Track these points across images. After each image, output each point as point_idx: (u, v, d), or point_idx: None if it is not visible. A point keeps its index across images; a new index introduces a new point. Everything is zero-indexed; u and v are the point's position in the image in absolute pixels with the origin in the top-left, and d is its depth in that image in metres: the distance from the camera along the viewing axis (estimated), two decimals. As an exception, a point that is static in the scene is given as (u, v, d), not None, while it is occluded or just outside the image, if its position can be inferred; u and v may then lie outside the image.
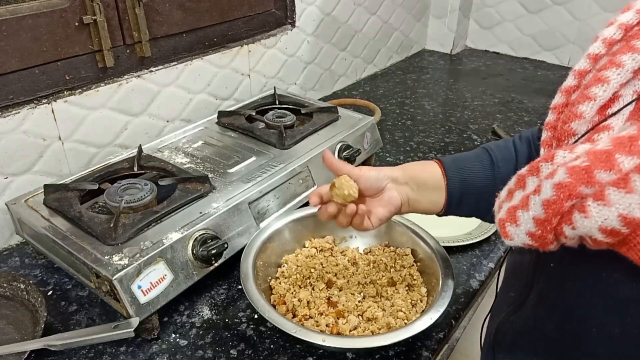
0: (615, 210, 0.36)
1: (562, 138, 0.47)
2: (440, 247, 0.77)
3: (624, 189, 0.36)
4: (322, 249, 0.83)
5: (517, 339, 0.55)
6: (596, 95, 0.44)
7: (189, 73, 1.10)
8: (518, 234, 0.44)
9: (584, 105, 0.44)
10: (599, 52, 0.47)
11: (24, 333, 0.71)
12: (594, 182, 0.37)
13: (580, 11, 1.67)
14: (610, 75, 0.43)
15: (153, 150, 0.95)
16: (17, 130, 0.86)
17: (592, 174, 0.37)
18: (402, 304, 0.72)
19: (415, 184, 0.66)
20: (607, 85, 0.43)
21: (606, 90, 0.43)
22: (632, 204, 0.36)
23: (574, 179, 0.38)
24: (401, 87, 1.62)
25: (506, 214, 0.45)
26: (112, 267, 0.66)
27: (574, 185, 0.38)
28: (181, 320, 0.74)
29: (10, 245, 0.90)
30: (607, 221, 0.37)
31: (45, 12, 0.85)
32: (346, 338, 0.66)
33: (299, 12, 1.33)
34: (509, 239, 0.45)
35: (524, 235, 0.44)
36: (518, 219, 0.44)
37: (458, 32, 1.89)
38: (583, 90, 0.45)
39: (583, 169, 0.38)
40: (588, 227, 0.38)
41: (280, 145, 0.96)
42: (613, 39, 0.47)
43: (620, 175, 0.36)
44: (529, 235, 0.43)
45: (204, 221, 0.75)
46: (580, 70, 0.48)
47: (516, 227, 0.44)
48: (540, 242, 0.43)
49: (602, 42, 0.47)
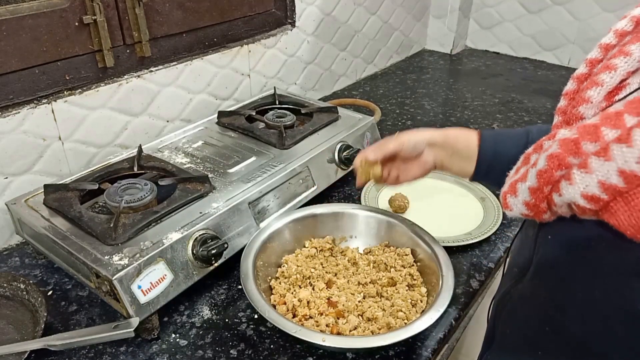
0: (595, 177, 0.39)
1: (570, 122, 0.49)
2: (440, 247, 0.77)
3: (603, 157, 0.39)
4: (322, 249, 0.83)
5: (515, 308, 0.58)
6: (604, 81, 0.46)
7: (189, 73, 1.10)
8: (516, 204, 0.48)
9: (592, 91, 0.46)
10: (609, 42, 0.49)
11: (24, 333, 0.71)
12: (580, 152, 0.41)
13: (580, 11, 1.67)
14: (618, 63, 0.45)
15: (153, 150, 0.95)
16: (17, 130, 0.86)
17: (580, 145, 0.41)
18: (402, 304, 0.72)
19: (451, 150, 0.72)
20: (615, 72, 0.45)
21: (613, 77, 0.45)
22: (610, 171, 0.38)
23: (564, 150, 0.42)
24: (401, 87, 1.62)
25: (508, 187, 0.50)
26: (112, 267, 0.66)
27: (564, 155, 0.42)
28: (181, 320, 0.74)
29: (10, 245, 0.90)
30: (588, 187, 0.40)
31: (45, 12, 0.85)
32: (346, 338, 0.66)
33: (299, 12, 1.33)
34: (509, 210, 0.49)
35: (521, 205, 0.48)
36: (517, 190, 0.48)
37: (458, 32, 1.89)
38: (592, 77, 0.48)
39: (572, 140, 0.41)
40: (572, 193, 0.41)
41: (280, 145, 0.96)
42: (625, 31, 0.49)
43: (603, 145, 0.39)
44: (525, 204, 0.47)
45: (204, 221, 0.75)
46: (592, 59, 0.50)
47: (515, 197, 0.48)
48: (535, 211, 0.47)
49: (614, 34, 0.50)
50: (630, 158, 0.37)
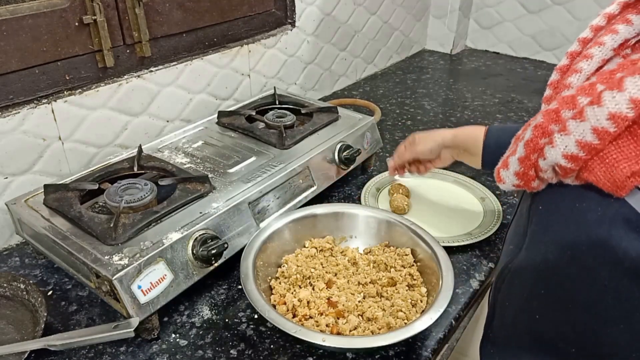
0: (573, 137, 0.45)
1: None
2: (440, 247, 0.77)
3: (579, 119, 0.44)
4: (322, 249, 0.83)
5: (512, 280, 0.61)
6: (582, 68, 0.51)
7: (189, 73, 1.10)
8: (508, 176, 0.54)
9: (572, 77, 0.52)
10: (587, 37, 0.55)
11: (24, 333, 0.71)
12: (560, 120, 0.46)
13: (580, 11, 1.67)
14: (594, 52, 0.51)
15: (153, 150, 0.95)
16: (17, 130, 0.86)
17: (559, 113, 0.46)
18: (402, 304, 0.72)
19: (462, 148, 0.84)
20: (591, 60, 0.51)
21: (590, 64, 0.51)
22: (585, 130, 0.44)
23: (546, 120, 0.47)
24: (401, 87, 1.62)
25: (501, 162, 0.55)
26: (112, 267, 0.66)
27: (547, 124, 0.47)
28: (181, 320, 0.74)
29: (10, 245, 0.90)
30: (567, 148, 0.45)
31: (45, 12, 0.85)
32: (346, 338, 0.66)
33: (299, 12, 1.33)
34: (502, 183, 0.55)
35: (512, 176, 0.53)
36: (508, 164, 0.53)
37: (458, 32, 1.89)
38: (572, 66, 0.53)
39: (553, 110, 0.47)
40: (554, 155, 0.46)
41: (280, 145, 0.96)
42: (599, 26, 0.55)
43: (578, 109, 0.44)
44: (515, 174, 0.52)
45: (204, 221, 0.75)
46: (572, 51, 0.56)
47: (507, 170, 0.54)
48: (524, 180, 0.52)
49: (590, 29, 0.56)
50: (601, 116, 0.42)
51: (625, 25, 0.51)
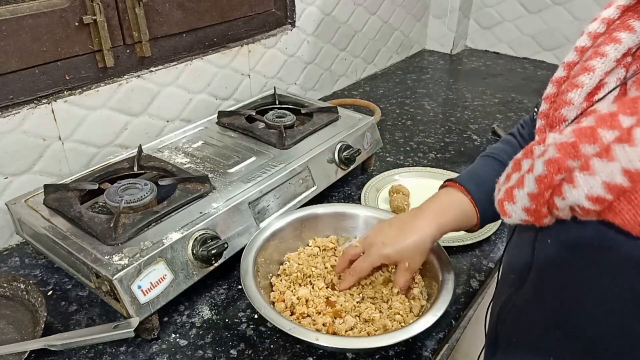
0: (599, 178, 0.39)
1: (554, 124, 0.50)
2: (440, 247, 0.77)
3: (605, 157, 0.39)
4: (325, 248, 0.83)
5: (519, 316, 0.57)
6: (583, 83, 0.47)
7: (189, 73, 1.10)
8: (515, 210, 0.48)
9: (573, 93, 0.48)
10: (585, 45, 0.51)
11: (24, 333, 0.71)
12: (579, 155, 0.40)
13: (580, 11, 1.67)
14: (596, 64, 0.47)
15: (153, 150, 0.95)
16: (17, 130, 0.86)
17: (578, 148, 0.40)
18: (400, 307, 0.71)
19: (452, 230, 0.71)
20: (593, 74, 0.47)
21: (592, 78, 0.47)
22: (614, 171, 0.39)
23: (562, 154, 0.41)
24: (401, 87, 1.62)
25: (504, 194, 0.49)
26: (112, 267, 0.66)
27: (563, 159, 0.41)
28: (181, 320, 0.74)
29: (10, 245, 0.90)
30: (592, 189, 0.40)
31: (45, 12, 0.85)
32: (340, 338, 0.65)
33: (299, 12, 1.33)
34: (507, 217, 0.49)
35: (520, 211, 0.47)
36: (515, 197, 0.48)
37: (458, 32, 1.89)
38: (571, 80, 0.49)
39: (570, 144, 0.41)
40: (576, 196, 0.41)
41: (280, 145, 0.96)
42: (597, 32, 0.51)
43: (603, 146, 0.39)
44: (525, 210, 0.47)
45: (204, 221, 0.75)
46: (569, 62, 0.52)
47: (513, 204, 0.48)
48: (535, 217, 0.46)
49: (588, 36, 0.52)
50: (634, 157, 0.37)
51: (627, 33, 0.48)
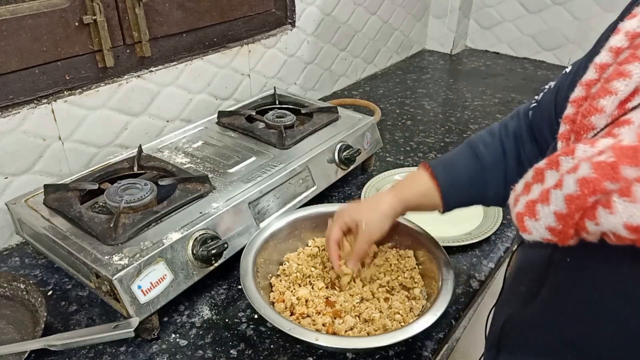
0: None
1: (581, 132, 0.47)
2: (440, 247, 0.77)
3: None
4: (325, 248, 0.83)
5: (526, 333, 0.55)
6: (617, 89, 0.43)
7: (189, 73, 1.10)
8: (537, 228, 0.44)
9: (605, 100, 0.44)
10: (620, 46, 0.46)
11: (24, 333, 0.71)
12: (619, 177, 0.37)
13: (580, 11, 1.67)
14: (633, 69, 0.43)
15: (153, 150, 0.95)
16: (17, 130, 0.86)
17: (618, 169, 0.37)
18: (400, 307, 0.71)
19: (414, 207, 0.73)
20: (629, 80, 0.43)
21: (628, 85, 0.43)
22: None
23: (599, 174, 0.38)
24: (401, 87, 1.62)
25: (524, 207, 0.45)
26: (112, 267, 0.66)
27: (599, 180, 0.38)
28: (181, 320, 0.74)
29: (10, 245, 0.90)
30: (633, 218, 0.36)
31: (45, 12, 0.85)
32: (339, 338, 0.65)
33: (299, 12, 1.33)
34: (527, 233, 0.45)
35: (543, 230, 0.43)
36: (537, 213, 0.43)
37: (458, 32, 1.89)
38: (604, 84, 0.45)
39: (609, 164, 0.37)
40: (613, 223, 0.38)
41: (280, 145, 0.96)
42: (637, 32, 0.46)
43: None
44: (549, 230, 0.43)
45: (204, 221, 0.75)
46: (602, 63, 0.47)
47: (535, 221, 0.44)
48: (560, 237, 0.43)
49: (625, 35, 0.47)
50: None
51: None
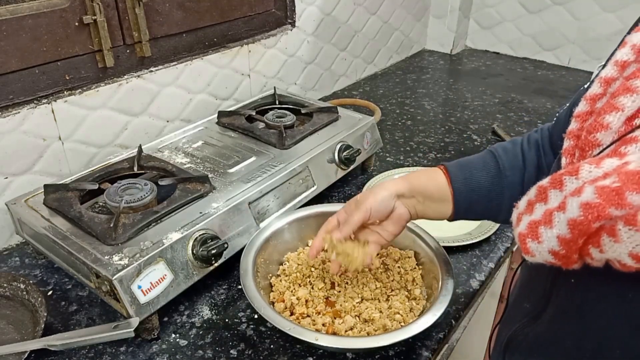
0: None
1: (585, 148, 0.45)
2: (440, 248, 0.77)
3: None
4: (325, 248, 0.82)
5: (531, 351, 0.54)
6: (624, 105, 0.42)
7: (189, 73, 1.10)
8: (540, 251, 0.42)
9: (611, 116, 0.42)
10: (627, 59, 0.45)
11: (24, 333, 0.71)
12: (625, 204, 0.35)
13: (580, 11, 1.67)
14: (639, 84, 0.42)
15: (153, 150, 0.95)
16: (17, 130, 0.86)
17: (624, 195, 0.35)
18: (400, 307, 0.71)
19: (422, 196, 0.67)
20: (637, 96, 0.41)
21: (635, 101, 0.41)
22: None
23: (604, 200, 0.36)
24: (401, 87, 1.62)
25: (527, 228, 0.44)
26: (112, 267, 0.66)
27: (603, 206, 0.36)
28: (181, 320, 0.74)
29: (10, 245, 0.90)
30: (639, 247, 0.35)
31: (45, 12, 0.85)
32: (339, 338, 0.65)
33: (299, 12, 1.33)
34: (530, 256, 0.44)
35: (546, 253, 0.42)
36: (540, 236, 0.42)
37: (458, 32, 1.89)
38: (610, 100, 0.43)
39: (613, 190, 0.36)
40: (618, 251, 0.37)
41: (280, 145, 0.96)
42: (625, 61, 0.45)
43: None
44: (552, 253, 0.42)
45: (204, 221, 0.75)
46: (607, 77, 0.46)
47: (538, 244, 0.42)
48: (563, 261, 0.42)
49: (631, 49, 0.45)
50: None
51: None
